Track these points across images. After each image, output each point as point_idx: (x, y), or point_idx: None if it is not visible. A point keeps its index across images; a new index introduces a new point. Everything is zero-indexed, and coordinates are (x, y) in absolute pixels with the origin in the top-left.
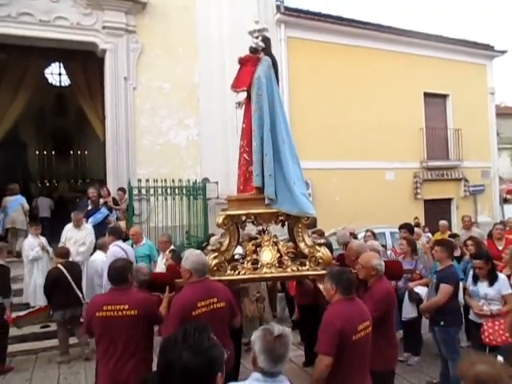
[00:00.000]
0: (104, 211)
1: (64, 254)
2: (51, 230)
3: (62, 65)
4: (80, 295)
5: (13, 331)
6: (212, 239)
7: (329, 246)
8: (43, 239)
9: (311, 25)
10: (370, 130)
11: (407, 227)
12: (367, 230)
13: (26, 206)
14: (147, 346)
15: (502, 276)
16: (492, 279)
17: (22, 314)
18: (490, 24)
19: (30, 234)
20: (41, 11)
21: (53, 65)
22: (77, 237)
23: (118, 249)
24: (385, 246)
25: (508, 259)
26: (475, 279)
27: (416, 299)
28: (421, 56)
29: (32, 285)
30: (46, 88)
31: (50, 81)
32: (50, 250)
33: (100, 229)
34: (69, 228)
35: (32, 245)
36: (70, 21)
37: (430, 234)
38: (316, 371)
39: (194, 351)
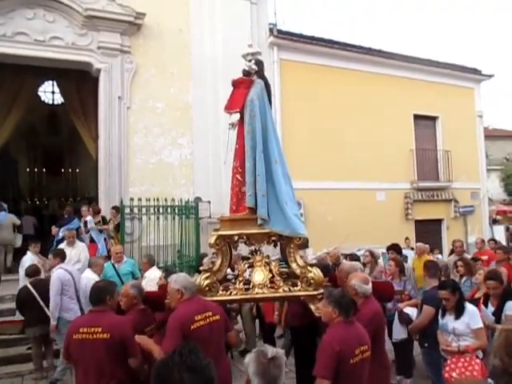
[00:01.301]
0: (76, 222)
1: (33, 272)
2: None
3: (55, 83)
4: (48, 313)
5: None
6: (205, 260)
7: (326, 266)
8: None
9: (304, 48)
10: (362, 151)
11: (394, 248)
12: (366, 251)
13: (17, 222)
14: (123, 370)
15: (470, 308)
16: (459, 312)
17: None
18: (477, 48)
19: (29, 252)
20: (36, 31)
21: (46, 83)
22: (71, 254)
23: (63, 271)
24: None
25: (481, 280)
26: (444, 312)
27: (406, 320)
28: (411, 79)
29: None
30: (38, 106)
31: (42, 99)
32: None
33: None
34: (62, 246)
35: (32, 262)
36: (66, 41)
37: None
38: None
39: (192, 371)
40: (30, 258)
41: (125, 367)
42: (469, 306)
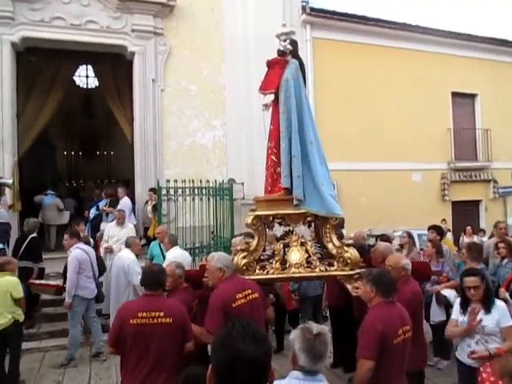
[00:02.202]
0: (104, 201)
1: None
2: None
3: (90, 67)
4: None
5: (46, 327)
6: (233, 240)
7: (362, 246)
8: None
9: (337, 25)
10: (397, 131)
11: (435, 228)
12: (403, 232)
13: (61, 206)
14: (178, 361)
15: (499, 302)
16: (488, 305)
17: (37, 281)
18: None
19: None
20: (72, 15)
21: (80, 67)
22: (119, 235)
23: (80, 251)
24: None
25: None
26: (465, 304)
27: (443, 302)
28: (448, 55)
29: None
30: (73, 90)
31: (77, 83)
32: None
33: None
34: (111, 226)
35: None
36: (100, 24)
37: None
38: (358, 375)
39: (256, 341)
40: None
41: (179, 355)
42: (497, 301)
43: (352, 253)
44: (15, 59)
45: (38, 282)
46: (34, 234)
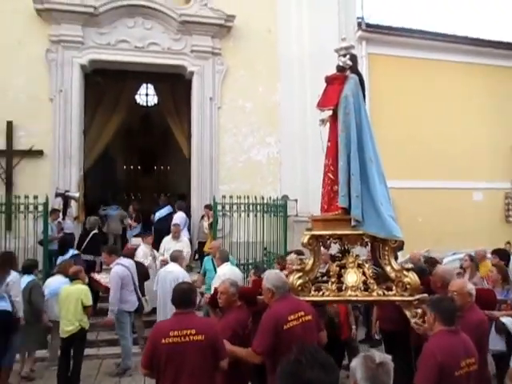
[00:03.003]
0: (169, 208)
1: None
2: None
3: (150, 86)
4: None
5: (104, 335)
6: (288, 257)
7: (423, 270)
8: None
9: (393, 40)
10: (457, 147)
11: (498, 252)
12: (466, 255)
13: (125, 216)
14: (213, 375)
15: None
16: None
17: (96, 276)
18: None
19: (142, 244)
20: (136, 38)
21: (141, 86)
22: (175, 248)
23: (121, 268)
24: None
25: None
26: None
27: (503, 330)
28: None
29: None
30: (134, 108)
31: (137, 101)
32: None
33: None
34: (167, 240)
35: (145, 253)
36: (162, 46)
37: None
38: None
39: (324, 369)
40: (141, 249)
41: (214, 372)
42: None
43: (412, 277)
44: (83, 80)
45: (96, 276)
46: (96, 231)
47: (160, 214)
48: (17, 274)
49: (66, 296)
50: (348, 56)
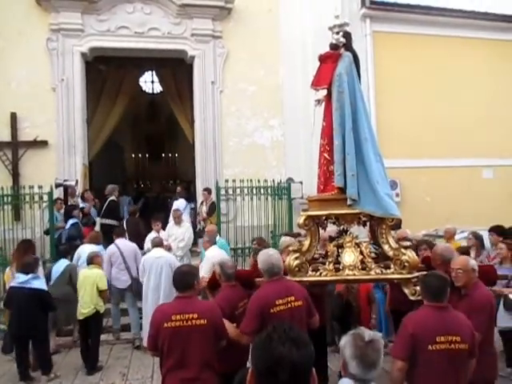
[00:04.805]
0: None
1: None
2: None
3: (154, 73)
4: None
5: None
6: (282, 239)
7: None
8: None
9: (399, 17)
10: (464, 125)
11: (496, 230)
12: (470, 233)
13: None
14: (214, 356)
15: None
16: None
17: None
18: None
19: (153, 231)
20: (136, 24)
21: (146, 73)
22: (177, 233)
23: (112, 246)
24: (484, 248)
25: None
26: None
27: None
28: None
29: None
30: (140, 95)
31: (143, 88)
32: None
33: None
34: (170, 225)
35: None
36: (162, 31)
37: None
38: (390, 375)
39: (297, 345)
40: (152, 236)
41: (215, 352)
42: None
43: (410, 255)
44: (85, 68)
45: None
46: (112, 197)
47: (176, 205)
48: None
49: (83, 279)
50: (341, 33)
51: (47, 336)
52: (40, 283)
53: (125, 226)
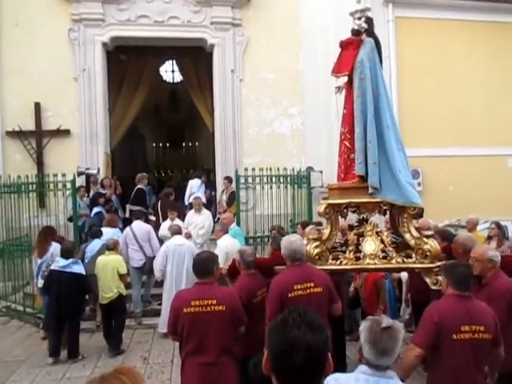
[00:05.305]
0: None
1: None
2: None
3: (174, 62)
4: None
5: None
6: (307, 229)
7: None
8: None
9: (421, 2)
10: (489, 113)
11: None
12: (492, 223)
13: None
14: (233, 342)
15: None
16: None
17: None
18: None
19: (168, 219)
20: (156, 12)
21: (166, 62)
22: (197, 221)
23: (127, 228)
24: (507, 239)
25: None
26: None
27: None
28: None
29: None
30: (160, 85)
31: (164, 78)
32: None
33: None
34: (191, 214)
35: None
36: (182, 19)
37: None
38: (404, 360)
39: (312, 329)
40: (166, 225)
41: (233, 338)
42: None
43: (432, 244)
44: (106, 58)
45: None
46: (140, 185)
47: (190, 184)
48: (57, 244)
49: (103, 266)
50: (363, 19)
51: (80, 320)
52: (79, 268)
53: (159, 207)
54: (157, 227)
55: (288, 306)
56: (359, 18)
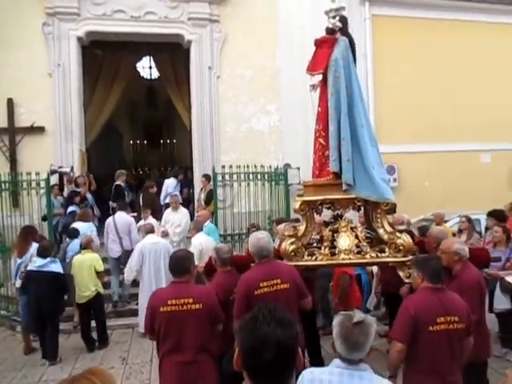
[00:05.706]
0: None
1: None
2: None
3: (151, 58)
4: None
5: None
6: (279, 226)
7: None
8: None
9: (398, 0)
10: (463, 109)
11: (495, 214)
12: (462, 216)
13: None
14: (210, 340)
15: None
16: None
17: None
18: None
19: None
20: (132, 8)
21: (144, 59)
22: (174, 219)
23: (110, 217)
24: (479, 233)
25: None
26: None
27: (508, 289)
28: None
29: None
30: (137, 81)
31: (141, 74)
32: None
33: None
34: (168, 212)
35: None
36: (158, 15)
37: None
38: (390, 357)
39: (281, 325)
40: (142, 223)
41: (211, 336)
42: None
43: (405, 239)
44: (81, 53)
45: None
46: (118, 182)
47: (166, 184)
48: (37, 244)
49: (80, 264)
50: (338, 18)
51: (59, 321)
52: (57, 266)
53: (141, 199)
54: (138, 221)
55: (255, 303)
56: (334, 17)
